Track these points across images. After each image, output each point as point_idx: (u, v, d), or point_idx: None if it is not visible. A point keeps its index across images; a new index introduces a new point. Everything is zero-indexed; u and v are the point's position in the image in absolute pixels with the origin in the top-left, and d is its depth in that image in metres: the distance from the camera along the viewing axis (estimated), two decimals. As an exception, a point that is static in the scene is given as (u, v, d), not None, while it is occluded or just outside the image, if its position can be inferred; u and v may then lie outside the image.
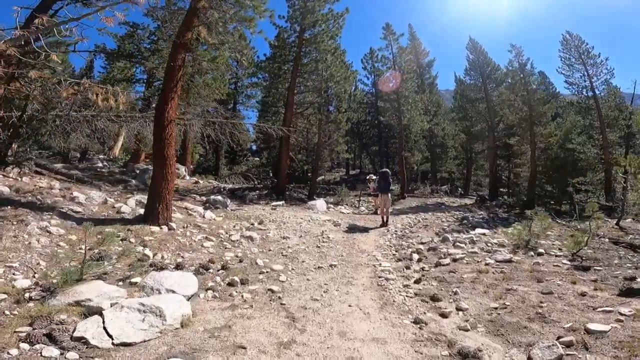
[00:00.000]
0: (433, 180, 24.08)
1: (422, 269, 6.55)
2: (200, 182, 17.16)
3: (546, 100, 14.46)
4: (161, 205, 7.34)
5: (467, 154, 27.14)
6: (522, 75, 15.15)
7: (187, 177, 18.36)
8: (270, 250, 7.18)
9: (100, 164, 19.16)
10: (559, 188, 13.07)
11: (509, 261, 6.61)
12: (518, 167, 14.23)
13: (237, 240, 7.42)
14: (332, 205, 13.56)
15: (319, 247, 7.58)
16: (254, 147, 34.92)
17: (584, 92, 20.37)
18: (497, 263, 6.54)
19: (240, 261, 6.33)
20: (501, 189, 21.98)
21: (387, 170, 10.07)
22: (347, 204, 14.89)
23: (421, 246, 7.87)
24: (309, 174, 26.09)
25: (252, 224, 8.95)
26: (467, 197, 23.72)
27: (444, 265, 6.63)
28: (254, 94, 29.31)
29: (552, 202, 13.95)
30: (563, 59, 20.62)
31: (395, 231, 9.52)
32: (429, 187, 21.46)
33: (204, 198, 11.84)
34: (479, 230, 8.88)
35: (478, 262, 6.71)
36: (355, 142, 26.71)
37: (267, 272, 5.93)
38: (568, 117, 16.46)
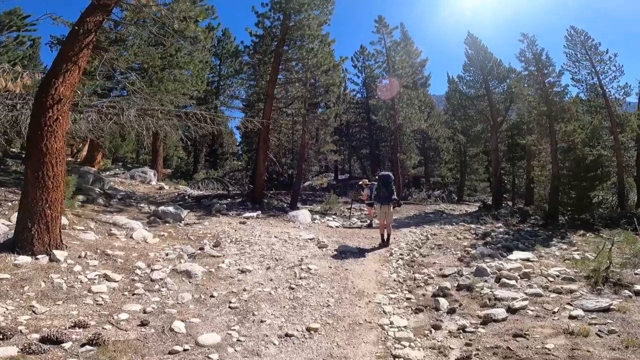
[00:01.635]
0: (429, 186, 21.47)
1: (463, 329, 3.73)
2: (166, 187, 14.13)
3: (565, 93, 12.00)
4: (38, 225, 4.36)
5: (461, 157, 24.67)
6: (538, 67, 12.65)
7: (153, 182, 15.29)
8: (212, 296, 4.25)
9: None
10: (582, 195, 10.46)
11: (607, 310, 3.83)
12: (538, 170, 11.72)
13: (161, 279, 4.47)
14: (318, 216, 10.68)
15: (293, 288, 4.68)
16: (240, 151, 31.86)
17: (592, 90, 18.14)
18: (590, 315, 3.76)
19: (143, 324, 3.39)
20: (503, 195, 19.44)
21: (389, 173, 7.26)
22: (335, 214, 12.02)
23: (446, 282, 5.04)
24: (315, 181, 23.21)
25: (202, 248, 6.00)
26: (464, 204, 21.20)
27: (497, 321, 3.81)
28: (237, 94, 26.45)
29: (571, 210, 11.26)
30: (568, 55, 18.35)
31: (401, 254, 6.68)
32: (424, 192, 18.78)
33: (153, 208, 8.82)
34: (519, 255, 6.10)
35: (554, 313, 3.91)
36: (344, 145, 23.93)
37: (185, 350, 3.03)
38: (578, 114, 13.98)
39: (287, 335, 3.49)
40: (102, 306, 3.64)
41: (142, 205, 9.35)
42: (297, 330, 3.59)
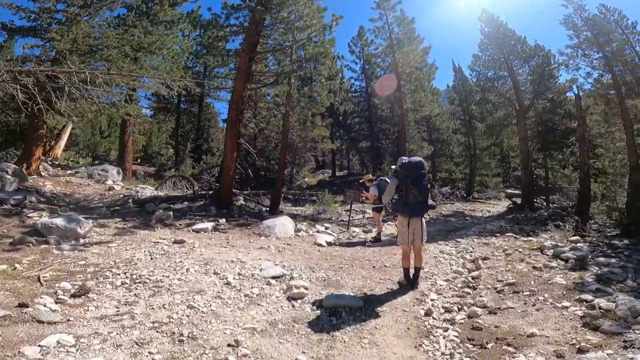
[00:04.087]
0: (442, 183, 18.16)
1: None
2: (117, 188, 10.75)
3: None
4: None
5: (470, 150, 21.29)
6: (594, 33, 9.36)
7: (109, 182, 11.94)
8: None
9: None
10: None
11: None
12: (606, 160, 8.48)
13: None
14: (305, 225, 7.32)
15: None
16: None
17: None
18: None
19: None
20: (506, 188, 15.98)
21: (422, 160, 3.80)
22: (330, 219, 8.67)
23: None
24: (290, 177, 19.79)
25: (24, 305, 2.64)
26: (477, 202, 17.97)
27: None
28: (226, 85, 23.10)
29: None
30: (602, 35, 15.07)
31: (447, 309, 3.30)
32: (437, 189, 15.43)
33: (44, 220, 5.42)
34: None
35: None
36: (342, 138, 20.46)
37: None
38: None
39: None
40: None
41: (33, 214, 5.97)
42: None
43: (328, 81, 9.69)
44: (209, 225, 6.48)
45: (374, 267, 4.42)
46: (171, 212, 6.98)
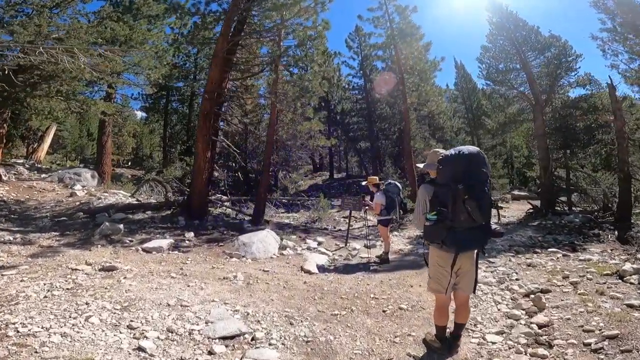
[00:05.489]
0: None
1: None
2: (79, 194, 9.24)
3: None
4: None
5: (475, 150, 19.89)
6: (630, 16, 8.14)
7: (78, 187, 10.47)
8: None
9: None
10: None
11: None
12: None
13: None
14: (292, 241, 5.84)
15: None
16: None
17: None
18: None
19: None
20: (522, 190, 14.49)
21: (480, 151, 1.98)
22: (326, 229, 7.20)
23: None
24: (287, 182, 18.27)
25: None
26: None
27: None
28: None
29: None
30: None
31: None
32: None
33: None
34: None
35: None
36: (340, 137, 18.97)
37: None
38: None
39: None
40: None
41: None
42: None
43: (321, 68, 8.25)
44: (165, 243, 4.97)
45: (384, 311, 2.93)
46: (121, 225, 5.46)
